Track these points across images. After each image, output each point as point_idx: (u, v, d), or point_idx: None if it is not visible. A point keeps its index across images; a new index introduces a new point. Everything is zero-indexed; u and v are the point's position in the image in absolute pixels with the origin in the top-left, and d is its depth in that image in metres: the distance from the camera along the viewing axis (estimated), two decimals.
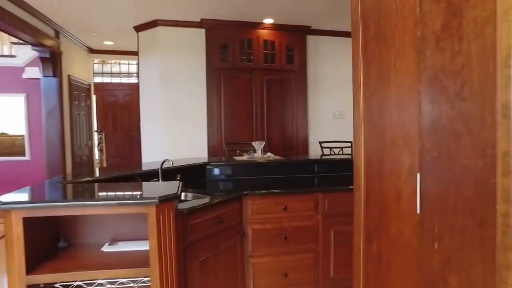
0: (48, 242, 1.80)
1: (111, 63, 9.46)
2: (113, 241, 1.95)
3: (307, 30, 4.95)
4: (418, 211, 0.93)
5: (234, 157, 3.42)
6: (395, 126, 1.04)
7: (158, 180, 2.54)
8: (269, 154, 3.44)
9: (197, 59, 4.71)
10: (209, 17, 4.52)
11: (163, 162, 2.58)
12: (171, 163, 2.50)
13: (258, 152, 3.38)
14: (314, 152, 5.18)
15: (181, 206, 2.03)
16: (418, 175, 0.93)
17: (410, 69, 0.94)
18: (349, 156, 3.40)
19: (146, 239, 1.98)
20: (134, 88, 9.45)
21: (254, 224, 2.51)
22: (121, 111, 9.39)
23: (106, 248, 1.86)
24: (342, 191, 2.64)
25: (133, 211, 1.57)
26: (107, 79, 9.58)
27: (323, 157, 3.36)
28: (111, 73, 9.67)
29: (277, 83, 4.85)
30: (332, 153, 4.26)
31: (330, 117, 5.38)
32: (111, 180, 2.27)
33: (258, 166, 3.15)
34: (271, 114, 4.85)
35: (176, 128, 4.79)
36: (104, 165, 8.91)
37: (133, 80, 9.63)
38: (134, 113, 9.30)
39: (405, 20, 0.96)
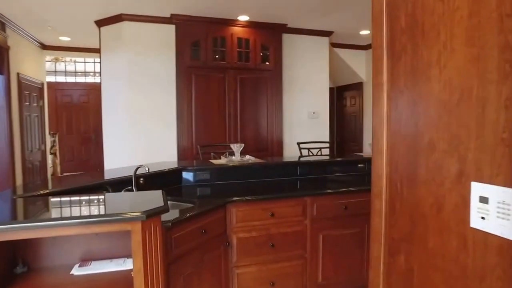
0: (2, 268, 1.51)
1: (65, 61, 8.82)
2: (84, 262, 1.69)
3: (283, 28, 4.85)
4: (473, 224, 0.82)
5: (211, 161, 3.22)
6: (437, 128, 0.92)
7: (132, 189, 2.29)
8: (248, 156, 3.28)
9: (166, 57, 4.44)
10: (180, 12, 4.28)
11: (137, 169, 2.33)
12: (146, 169, 2.25)
13: (237, 155, 3.20)
14: (289, 153, 5.09)
15: (163, 217, 1.81)
16: (473, 183, 0.81)
17: (463, 66, 0.83)
18: (333, 158, 3.32)
19: (123, 256, 1.75)
20: (91, 88, 8.90)
21: (239, 232, 2.34)
22: (76, 112, 8.81)
23: (76, 271, 1.60)
24: (331, 194, 2.55)
25: (114, 229, 1.34)
26: (60, 78, 8.93)
27: (305, 159, 3.26)
28: (65, 71, 9.03)
29: (251, 83, 4.70)
30: (310, 154, 4.18)
31: (305, 117, 5.32)
32: (75, 191, 1.99)
33: (238, 170, 2.98)
34: (245, 115, 4.69)
35: (142, 131, 4.49)
36: (58, 170, 8.28)
37: (90, 79, 9.05)
38: (92, 114, 8.75)
39: (455, 11, 0.84)
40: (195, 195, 2.57)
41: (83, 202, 1.61)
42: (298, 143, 4.20)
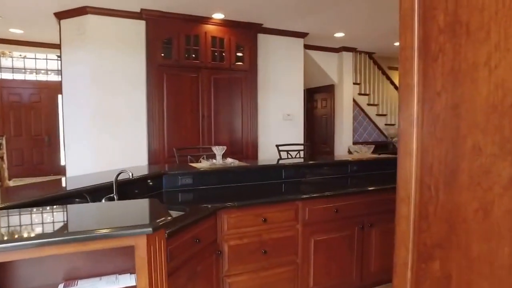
0: None
1: (13, 57, 8.14)
2: (69, 281, 1.51)
3: (259, 28, 4.80)
4: None
5: (192, 164, 3.08)
6: (484, 132, 0.90)
7: (114, 198, 2.11)
8: (230, 160, 3.17)
9: (136, 55, 4.21)
10: (151, 7, 4.07)
11: (118, 174, 2.15)
12: (130, 174, 2.08)
13: (219, 158, 3.09)
14: (264, 156, 5.05)
15: None
16: None
17: None
18: (317, 161, 3.31)
19: (114, 272, 1.59)
20: (44, 87, 8.29)
21: (230, 240, 2.24)
22: (26, 113, 8.16)
23: None
24: (322, 198, 2.52)
25: (115, 244, 1.20)
26: (7, 75, 8.21)
27: (292, 161, 3.22)
28: (12, 68, 8.32)
29: (225, 83, 4.59)
30: (289, 156, 4.16)
31: (280, 119, 5.30)
32: (48, 201, 1.79)
33: (222, 173, 2.87)
34: (219, 116, 4.57)
35: (109, 133, 4.21)
36: (6, 175, 7.59)
37: (42, 77, 8.42)
38: (44, 115, 8.14)
39: (510, 9, 0.82)
40: (180, 202, 2.43)
41: (72, 214, 1.43)
42: (277, 146, 4.16)
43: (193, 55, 4.37)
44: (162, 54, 4.21)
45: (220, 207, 2.18)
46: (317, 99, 7.35)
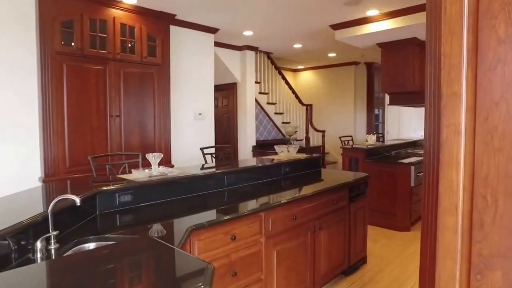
0: None
1: None
2: None
3: (172, 19, 4.37)
4: None
5: (121, 176, 2.60)
6: None
7: (50, 236, 1.59)
8: (162, 168, 2.80)
9: (24, 39, 3.31)
10: None
11: (55, 203, 1.63)
12: (77, 200, 1.60)
13: (155, 167, 2.70)
14: (178, 160, 4.68)
15: None
16: None
17: None
18: (254, 164, 3.22)
19: None
20: None
21: None
22: None
23: None
24: (283, 205, 2.45)
25: None
26: None
27: (231, 169, 3.04)
28: None
29: (137, 78, 4.05)
30: (212, 160, 3.95)
31: (192, 119, 4.99)
32: None
33: (165, 186, 2.51)
34: (130, 116, 4.02)
35: None
36: None
37: None
38: None
39: None
40: (129, 226, 2.02)
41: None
42: (201, 148, 3.90)
43: (100, 44, 3.70)
44: (61, 40, 3.42)
45: (189, 229, 1.88)
46: (218, 97, 7.23)
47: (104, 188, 2.21)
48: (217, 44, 5.87)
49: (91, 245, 1.75)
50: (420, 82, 4.92)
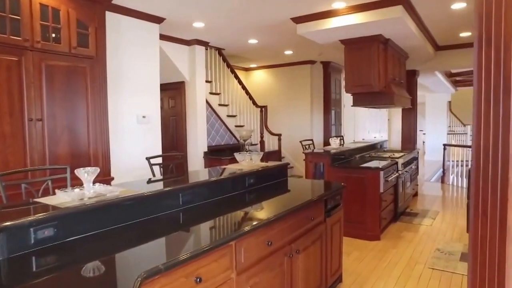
0: None
1: None
2: None
3: (108, 4, 3.74)
4: None
5: (38, 200, 2.01)
6: None
7: None
8: (99, 187, 2.24)
9: None
10: None
11: None
12: None
13: (88, 186, 2.13)
14: (118, 171, 4.05)
15: None
16: None
17: None
18: (215, 177, 2.75)
19: None
20: None
21: None
22: None
23: None
24: (256, 229, 2.02)
25: None
26: None
27: (190, 183, 2.54)
28: None
29: (64, 73, 3.38)
30: (161, 171, 3.41)
31: (134, 122, 4.37)
32: None
33: (102, 211, 1.97)
34: (56, 119, 3.34)
35: None
36: None
37: None
38: None
39: None
40: (49, 273, 1.46)
41: None
42: (147, 158, 3.33)
43: (13, 29, 2.99)
44: None
45: (141, 278, 1.38)
46: (164, 97, 6.61)
47: (9, 223, 1.61)
48: (162, 37, 5.30)
49: None
50: (385, 82, 4.79)
